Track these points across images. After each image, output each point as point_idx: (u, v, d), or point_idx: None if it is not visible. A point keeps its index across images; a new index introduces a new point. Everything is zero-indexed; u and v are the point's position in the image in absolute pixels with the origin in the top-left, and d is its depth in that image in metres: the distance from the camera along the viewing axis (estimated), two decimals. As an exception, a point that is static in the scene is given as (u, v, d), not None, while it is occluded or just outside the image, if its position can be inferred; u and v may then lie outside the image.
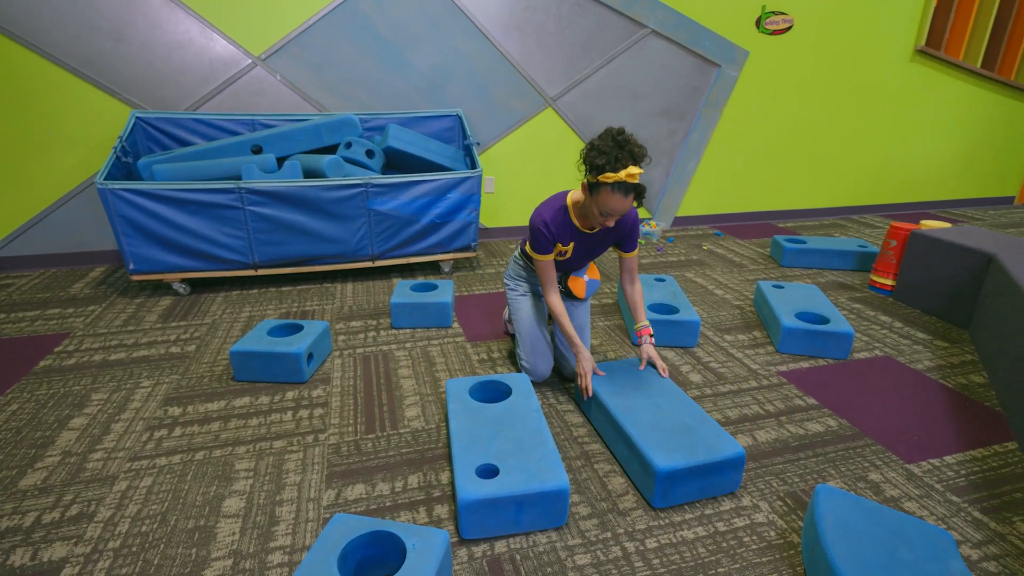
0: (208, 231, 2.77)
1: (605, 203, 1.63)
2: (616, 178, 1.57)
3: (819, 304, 2.50)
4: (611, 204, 1.62)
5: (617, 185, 1.59)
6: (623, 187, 1.60)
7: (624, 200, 1.62)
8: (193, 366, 2.21)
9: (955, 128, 4.85)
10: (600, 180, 1.61)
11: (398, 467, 1.64)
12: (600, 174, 1.60)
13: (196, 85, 3.18)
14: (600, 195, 1.64)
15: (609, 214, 1.66)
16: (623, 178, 1.57)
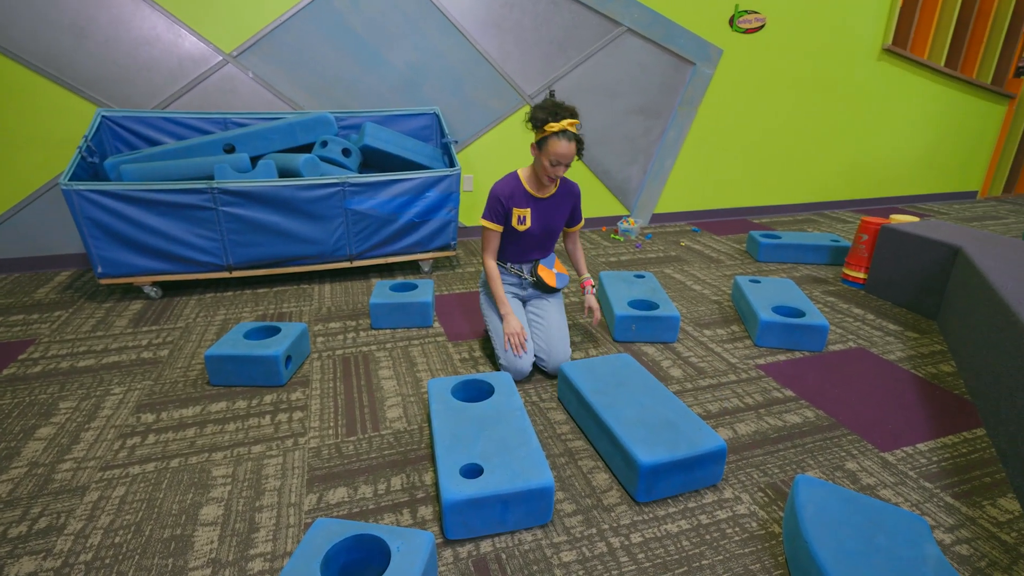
0: (179, 233, 2.70)
1: (553, 150, 1.88)
2: (559, 126, 1.85)
3: (795, 298, 2.55)
4: (557, 149, 1.88)
5: (560, 133, 1.87)
6: (565, 134, 1.87)
7: (568, 145, 1.88)
8: (166, 371, 2.15)
9: (921, 125, 4.99)
10: (546, 130, 1.88)
11: (380, 469, 1.62)
12: (545, 125, 1.87)
13: (164, 83, 3.09)
14: (547, 145, 1.89)
15: (557, 161, 1.91)
16: (565, 126, 1.86)
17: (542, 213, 2.10)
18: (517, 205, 2.06)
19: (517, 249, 2.17)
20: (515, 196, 2.06)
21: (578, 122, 1.89)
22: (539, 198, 2.09)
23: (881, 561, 1.16)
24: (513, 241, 2.14)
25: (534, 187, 2.07)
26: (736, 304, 2.78)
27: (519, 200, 2.07)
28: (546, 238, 2.17)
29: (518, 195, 2.06)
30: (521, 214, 2.07)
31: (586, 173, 4.10)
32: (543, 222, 2.11)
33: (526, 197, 2.08)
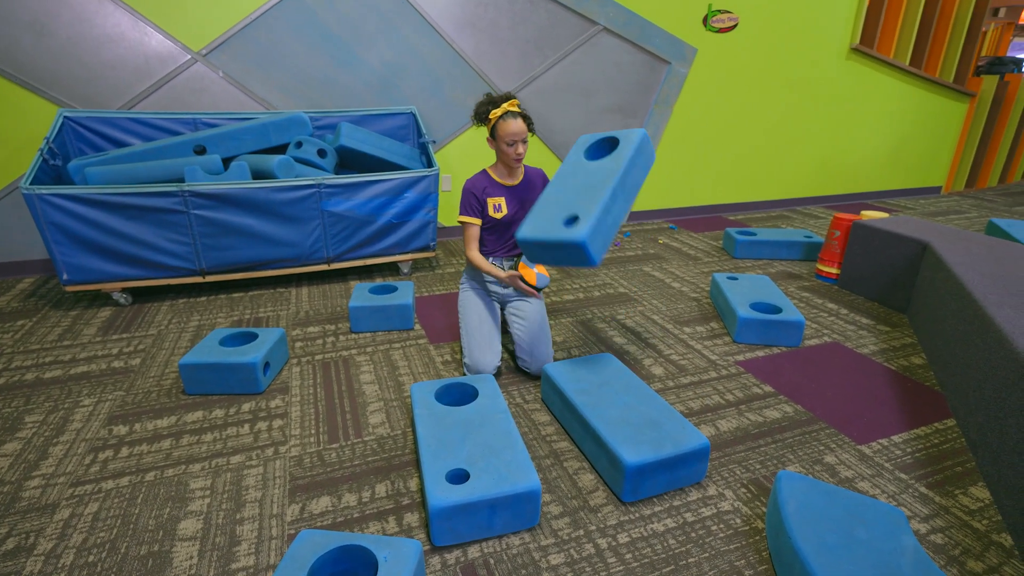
0: (149, 237, 2.62)
1: (505, 131, 1.98)
2: (501, 110, 1.97)
3: (771, 294, 2.59)
4: (508, 129, 1.97)
5: (505, 115, 1.97)
6: (510, 114, 1.97)
7: (516, 123, 1.97)
8: (139, 381, 2.08)
9: (887, 123, 5.12)
10: (491, 118, 1.99)
11: (364, 476, 1.60)
12: (490, 113, 1.99)
13: (130, 82, 3.00)
14: (499, 130, 1.98)
15: (513, 140, 1.99)
16: (506, 108, 1.97)
17: (516, 197, 2.16)
18: (491, 194, 2.12)
19: (499, 239, 2.18)
20: (487, 187, 2.12)
21: (517, 101, 2.02)
22: (510, 185, 2.16)
23: (861, 553, 1.18)
24: (494, 231, 2.17)
25: (503, 176, 2.15)
26: (714, 301, 2.82)
27: (492, 189, 2.13)
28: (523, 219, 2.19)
29: (490, 186, 2.13)
30: (496, 202, 2.13)
31: (564, 172, 4.10)
32: (518, 206, 2.16)
33: (497, 186, 2.14)
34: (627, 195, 1.71)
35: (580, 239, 1.53)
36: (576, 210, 1.62)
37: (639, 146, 1.74)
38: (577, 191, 1.71)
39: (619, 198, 1.66)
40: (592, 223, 1.55)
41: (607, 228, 1.62)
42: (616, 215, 1.66)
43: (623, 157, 1.70)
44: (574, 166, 1.83)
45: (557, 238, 1.58)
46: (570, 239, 1.54)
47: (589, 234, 1.54)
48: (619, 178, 1.65)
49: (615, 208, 1.65)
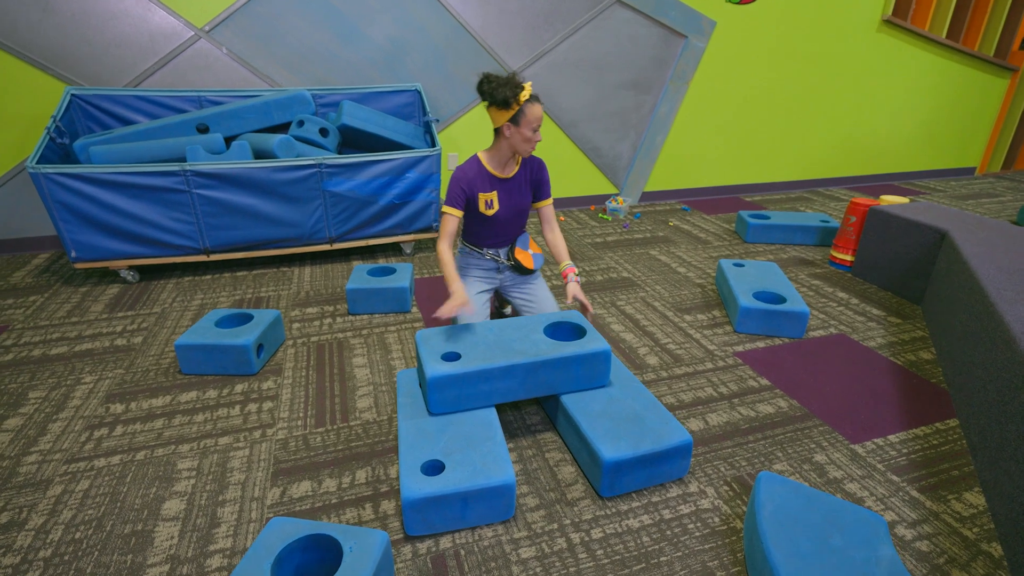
0: (153, 216, 2.66)
1: (535, 115, 1.89)
2: (528, 93, 1.86)
3: (778, 283, 2.51)
4: (536, 113, 1.89)
5: (532, 97, 1.87)
6: (535, 97, 1.89)
7: (540, 107, 1.91)
8: (139, 359, 2.13)
9: (919, 99, 4.86)
10: (520, 101, 1.86)
11: (346, 462, 1.62)
12: (517, 95, 1.85)
13: (135, 59, 3.00)
14: (525, 114, 1.87)
15: (538, 124, 1.91)
16: (530, 91, 1.87)
17: (509, 194, 2.05)
18: (482, 189, 2.00)
19: (489, 233, 2.11)
20: (479, 180, 2.00)
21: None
22: (503, 179, 2.04)
23: (834, 562, 1.15)
24: (484, 225, 2.09)
25: (498, 168, 2.02)
26: (719, 288, 2.75)
27: (483, 184, 2.01)
28: (517, 217, 2.12)
29: (482, 179, 2.00)
30: (487, 198, 2.01)
31: (575, 151, 4.01)
32: (511, 203, 2.06)
33: (490, 180, 2.01)
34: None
35: (430, 376, 1.56)
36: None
37: (589, 356, 1.68)
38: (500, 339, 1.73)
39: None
40: (457, 371, 1.58)
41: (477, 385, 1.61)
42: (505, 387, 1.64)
43: (563, 352, 1.65)
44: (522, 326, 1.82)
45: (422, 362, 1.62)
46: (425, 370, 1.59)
47: (442, 376, 1.57)
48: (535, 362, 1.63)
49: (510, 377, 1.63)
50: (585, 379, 1.69)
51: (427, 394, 1.58)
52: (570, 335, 1.82)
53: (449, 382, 1.56)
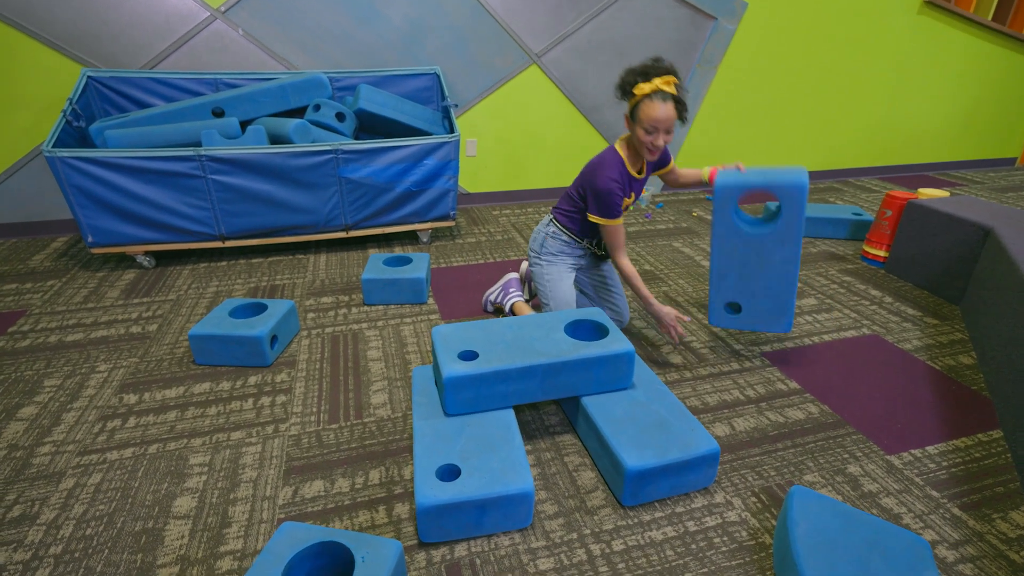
0: (169, 201, 2.62)
1: (647, 115, 1.65)
2: (651, 86, 1.63)
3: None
4: (652, 113, 1.64)
5: (654, 94, 1.63)
6: (659, 94, 1.63)
7: (664, 107, 1.64)
8: (153, 348, 2.11)
9: (959, 86, 4.64)
10: (636, 93, 1.66)
11: (360, 461, 1.58)
12: (634, 87, 1.66)
13: (151, 41, 2.95)
14: (640, 111, 1.67)
15: (655, 128, 1.67)
16: (658, 85, 1.62)
17: (636, 190, 1.94)
18: (626, 194, 1.86)
19: (593, 226, 1.99)
20: (626, 183, 1.84)
21: (675, 80, 1.65)
22: (638, 178, 1.90)
23: (875, 589, 1.08)
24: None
25: (633, 164, 1.87)
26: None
27: (627, 187, 1.86)
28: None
29: (626, 181, 1.84)
30: (628, 203, 1.90)
31: (596, 137, 3.90)
32: (633, 199, 1.98)
33: (630, 181, 1.87)
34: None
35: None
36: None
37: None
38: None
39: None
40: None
41: (494, 386, 1.56)
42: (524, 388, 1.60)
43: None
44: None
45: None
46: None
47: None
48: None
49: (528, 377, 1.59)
50: (607, 381, 1.63)
51: (443, 394, 1.53)
52: (592, 334, 1.74)
53: (466, 382, 1.50)
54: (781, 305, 1.96)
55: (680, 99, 1.68)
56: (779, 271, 1.92)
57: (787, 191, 1.80)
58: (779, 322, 2.00)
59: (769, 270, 1.93)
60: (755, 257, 1.92)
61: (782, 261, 1.90)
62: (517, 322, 1.74)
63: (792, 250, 1.87)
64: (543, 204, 3.87)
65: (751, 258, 1.93)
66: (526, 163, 3.82)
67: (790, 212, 1.83)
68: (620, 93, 1.74)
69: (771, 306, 1.97)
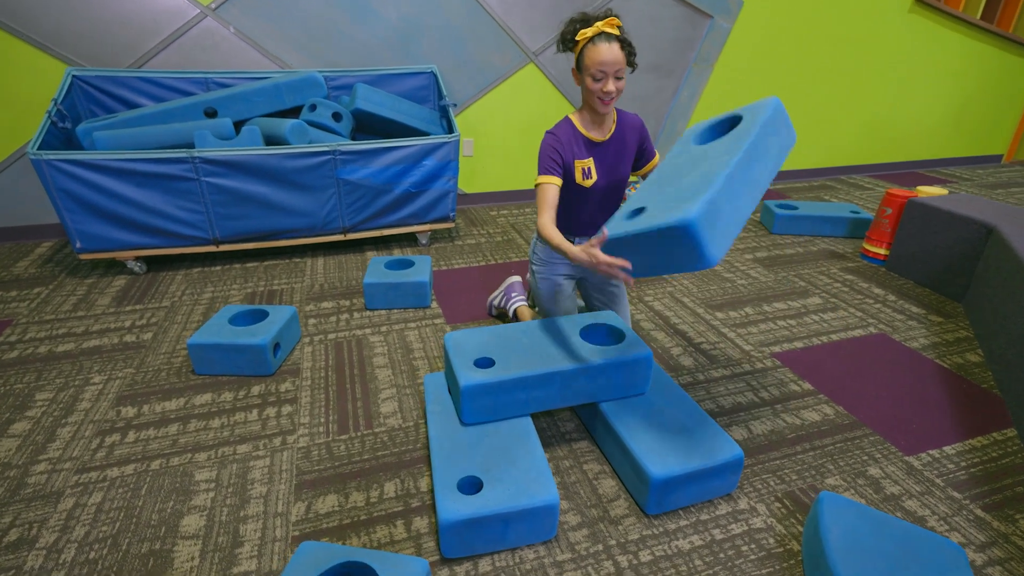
0: (161, 205, 2.54)
1: (592, 59, 1.53)
2: (593, 31, 1.53)
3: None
4: (597, 56, 1.53)
5: (597, 37, 1.53)
6: (603, 36, 1.53)
7: (610, 48, 1.52)
8: (149, 357, 2.04)
9: (950, 84, 4.69)
10: (578, 40, 1.56)
11: (373, 473, 1.53)
12: (578, 34, 1.55)
13: (139, 39, 2.85)
14: (585, 58, 1.56)
15: (602, 73, 1.55)
16: (600, 28, 1.52)
17: (605, 159, 1.74)
18: (578, 156, 1.69)
19: (583, 211, 1.79)
20: (574, 144, 1.69)
21: (618, 21, 1.54)
22: (598, 142, 1.72)
23: (915, 598, 1.06)
24: (579, 202, 1.77)
25: (590, 128, 1.71)
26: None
27: (578, 148, 1.69)
28: (613, 192, 1.81)
29: (576, 142, 1.69)
30: (584, 166, 1.71)
31: (593, 136, 3.86)
32: (609, 170, 1.75)
33: (585, 144, 1.71)
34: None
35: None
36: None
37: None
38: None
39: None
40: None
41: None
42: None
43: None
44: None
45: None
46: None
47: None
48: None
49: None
50: (625, 387, 1.59)
51: (460, 403, 1.48)
52: (607, 338, 1.71)
53: (484, 391, 1.46)
54: (689, 194, 1.24)
55: (626, 40, 1.56)
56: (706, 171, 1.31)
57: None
58: (681, 213, 1.17)
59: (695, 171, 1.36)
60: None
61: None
62: (531, 327, 1.70)
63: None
64: (541, 204, 3.83)
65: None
66: (523, 163, 3.78)
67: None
68: (562, 45, 1.63)
69: (677, 196, 1.27)
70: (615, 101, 1.65)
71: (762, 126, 1.28)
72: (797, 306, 2.49)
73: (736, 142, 1.29)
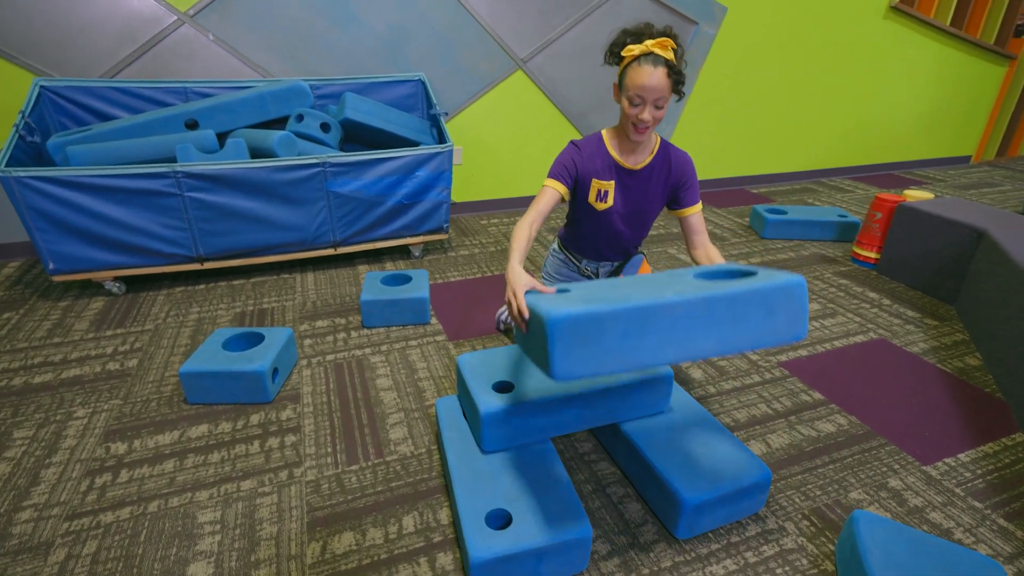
0: (141, 222, 2.41)
1: (633, 81, 1.40)
2: (641, 49, 1.39)
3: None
4: (639, 79, 1.39)
5: (643, 57, 1.39)
6: (650, 58, 1.38)
7: (654, 72, 1.38)
8: (137, 387, 1.92)
9: (923, 88, 4.82)
10: (624, 56, 1.43)
11: (389, 506, 1.45)
12: (624, 49, 1.43)
13: (112, 47, 2.71)
14: (626, 77, 1.43)
15: (640, 99, 1.41)
16: (649, 47, 1.38)
17: (630, 189, 1.61)
18: (598, 175, 1.59)
19: (594, 235, 1.69)
20: (597, 161, 1.57)
21: (672, 44, 1.39)
22: (628, 169, 1.60)
23: (964, 622, 1.05)
24: (589, 223, 1.66)
25: (621, 151, 1.59)
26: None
27: (602, 168, 1.58)
28: (632, 225, 1.68)
29: (601, 161, 1.58)
30: (602, 187, 1.59)
31: (582, 143, 3.84)
32: (631, 201, 1.62)
33: (611, 166, 1.59)
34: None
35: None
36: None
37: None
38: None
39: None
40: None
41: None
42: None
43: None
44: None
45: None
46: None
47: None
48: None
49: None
50: (646, 405, 1.56)
51: (480, 431, 1.42)
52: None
53: (505, 417, 1.40)
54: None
55: (675, 67, 1.41)
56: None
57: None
58: (557, 312, 1.01)
59: None
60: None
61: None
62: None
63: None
64: (531, 212, 3.79)
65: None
66: (513, 171, 3.73)
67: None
68: (609, 56, 1.50)
69: (587, 298, 1.11)
70: (651, 130, 1.52)
71: (755, 291, 1.08)
72: (797, 313, 2.49)
73: (708, 289, 1.07)
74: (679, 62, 1.44)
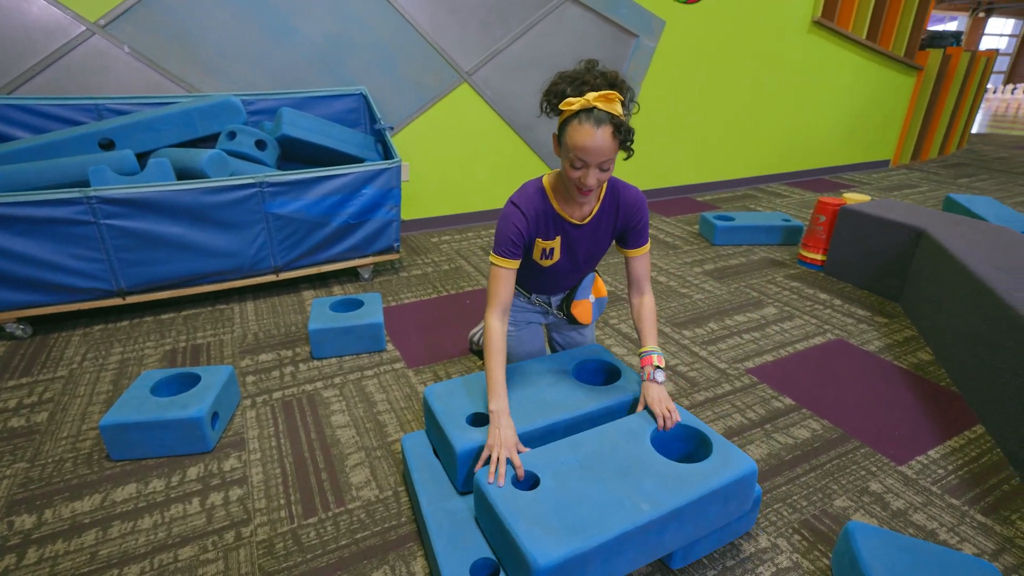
0: (49, 255, 2.14)
1: (573, 143, 1.19)
2: (581, 103, 1.17)
3: None
4: (579, 140, 1.18)
5: (584, 114, 1.17)
6: (592, 116, 1.16)
7: (595, 133, 1.17)
8: (47, 445, 1.66)
9: (845, 97, 5.11)
10: (562, 110, 1.22)
11: (356, 562, 1.30)
12: (563, 102, 1.20)
13: (9, 60, 2.43)
14: (566, 135, 1.22)
15: (583, 161, 1.21)
16: (589, 101, 1.16)
17: (577, 241, 1.46)
18: (542, 235, 1.42)
19: (541, 283, 1.61)
20: (541, 221, 1.40)
21: (619, 96, 1.18)
22: (574, 224, 1.42)
23: (975, 634, 1.01)
24: (536, 274, 1.55)
25: (566, 204, 1.40)
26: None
27: (546, 226, 1.41)
28: (582, 267, 1.58)
29: (546, 219, 1.40)
30: (547, 247, 1.44)
31: (531, 155, 3.80)
32: (579, 252, 1.50)
33: (555, 221, 1.41)
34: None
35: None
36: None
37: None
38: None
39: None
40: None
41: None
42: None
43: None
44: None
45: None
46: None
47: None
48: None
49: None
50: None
51: (456, 470, 1.30)
52: (599, 377, 1.59)
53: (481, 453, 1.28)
54: None
55: (622, 124, 1.20)
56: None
57: None
58: (536, 553, 1.01)
59: None
60: None
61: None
62: (518, 369, 1.55)
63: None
64: (483, 227, 3.70)
65: None
66: (462, 185, 3.63)
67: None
68: (546, 106, 1.28)
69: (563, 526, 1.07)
70: (596, 192, 1.35)
71: (715, 490, 1.15)
72: (756, 318, 2.51)
73: (676, 496, 1.12)
74: (628, 110, 1.23)
